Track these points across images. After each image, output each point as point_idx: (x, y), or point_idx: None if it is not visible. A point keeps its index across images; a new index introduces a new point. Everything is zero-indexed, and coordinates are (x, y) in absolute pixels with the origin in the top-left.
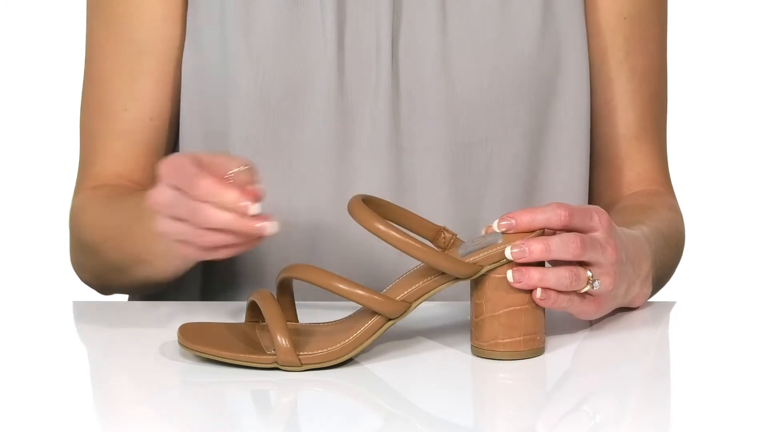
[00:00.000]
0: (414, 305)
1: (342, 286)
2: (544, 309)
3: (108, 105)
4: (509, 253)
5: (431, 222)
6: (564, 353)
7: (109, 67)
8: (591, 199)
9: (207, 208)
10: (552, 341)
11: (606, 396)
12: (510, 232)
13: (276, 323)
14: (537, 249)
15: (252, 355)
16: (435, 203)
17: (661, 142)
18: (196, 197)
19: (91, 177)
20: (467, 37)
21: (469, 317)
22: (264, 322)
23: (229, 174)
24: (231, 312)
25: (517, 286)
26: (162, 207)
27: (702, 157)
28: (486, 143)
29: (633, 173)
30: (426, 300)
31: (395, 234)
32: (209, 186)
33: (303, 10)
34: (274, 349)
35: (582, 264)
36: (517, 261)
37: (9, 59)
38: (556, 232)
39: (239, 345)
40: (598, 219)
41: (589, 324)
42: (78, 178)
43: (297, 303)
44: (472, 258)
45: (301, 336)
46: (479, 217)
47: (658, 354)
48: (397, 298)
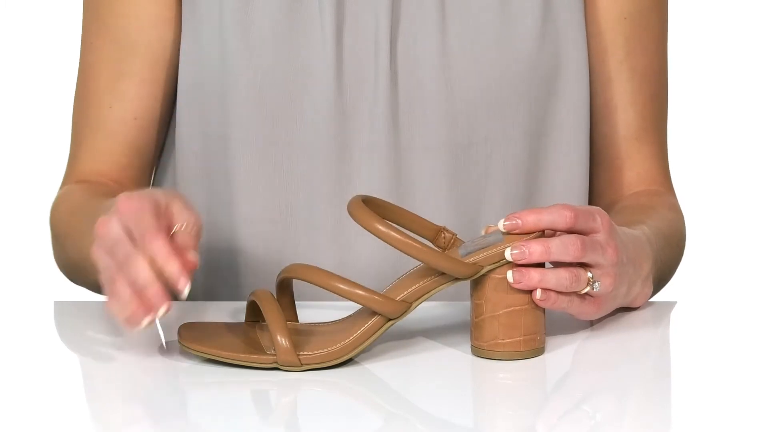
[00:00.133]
0: (414, 305)
1: (342, 286)
2: (544, 309)
3: (94, 101)
4: (509, 255)
5: (431, 222)
6: (564, 353)
7: (98, 64)
8: (591, 200)
9: (141, 261)
10: (552, 341)
11: (606, 396)
12: (515, 232)
13: (276, 323)
14: (537, 251)
15: (252, 355)
16: (434, 204)
17: (662, 142)
18: (139, 249)
19: (76, 172)
20: (466, 38)
21: (469, 317)
22: (264, 321)
23: (175, 229)
24: (231, 312)
25: (517, 286)
26: (104, 239)
27: (702, 157)
28: (485, 143)
29: (633, 173)
30: (426, 300)
31: (395, 234)
32: (158, 249)
33: (301, 10)
34: (274, 349)
35: (582, 265)
36: (517, 262)
37: (8, 59)
38: (556, 233)
39: (239, 345)
40: (600, 220)
41: (589, 324)
42: (66, 170)
43: (297, 303)
44: (472, 258)
45: (301, 336)
46: (479, 218)
47: (658, 354)
48: (397, 298)
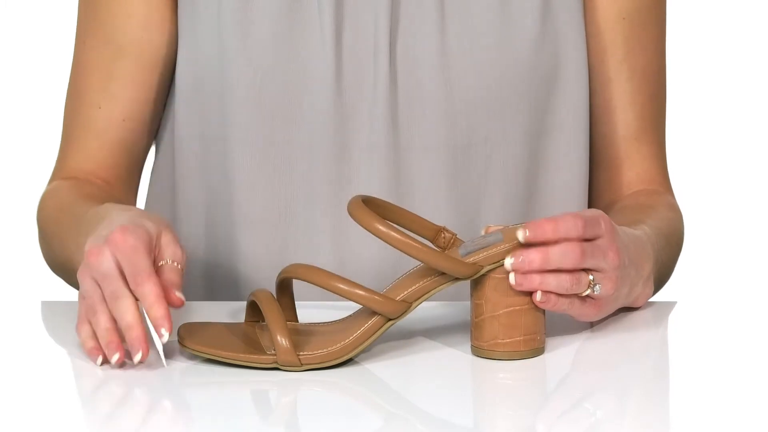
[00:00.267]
0: (414, 305)
1: (342, 286)
2: (544, 310)
3: (84, 101)
4: (509, 264)
5: (431, 222)
6: (564, 353)
7: (90, 63)
8: (590, 199)
9: (129, 302)
10: (552, 341)
11: (606, 396)
12: (534, 241)
13: (276, 323)
14: (536, 259)
15: (252, 355)
16: (434, 204)
17: (660, 141)
18: (131, 289)
19: (65, 168)
20: (466, 38)
21: (469, 317)
22: (263, 321)
23: (161, 264)
24: (231, 312)
25: (519, 288)
26: (94, 269)
27: (701, 157)
28: (485, 144)
29: (632, 173)
30: (426, 300)
31: (395, 234)
32: (149, 292)
33: (301, 10)
34: (274, 349)
35: (584, 268)
36: (517, 271)
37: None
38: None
39: (239, 345)
40: (603, 225)
41: (589, 324)
42: (55, 166)
43: (297, 303)
44: (472, 258)
45: (301, 336)
46: (478, 218)
47: (658, 354)
48: (397, 298)
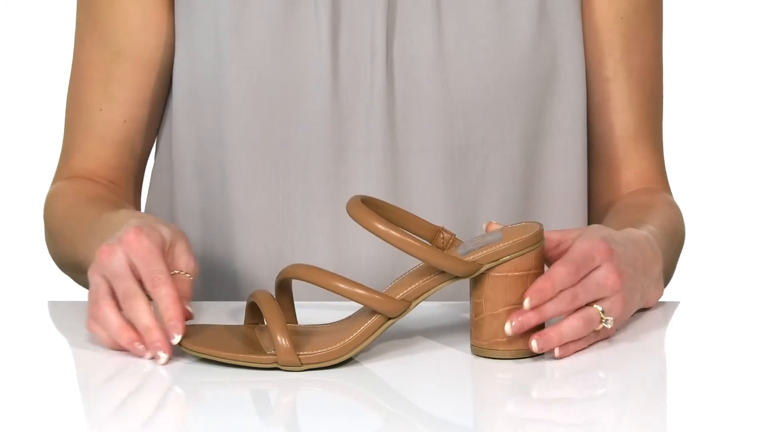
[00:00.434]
0: (414, 304)
1: (342, 285)
2: None
3: (85, 103)
4: (509, 330)
5: (429, 222)
6: None
7: (89, 64)
8: (589, 200)
9: (143, 303)
10: None
11: (606, 395)
12: (540, 305)
13: (276, 323)
14: (533, 319)
15: (252, 356)
16: (431, 205)
17: (658, 141)
18: (146, 290)
19: (67, 169)
20: (462, 39)
21: (469, 316)
22: (263, 324)
23: (174, 273)
24: (230, 312)
25: (543, 351)
26: (105, 268)
27: (701, 158)
28: (482, 145)
29: (631, 173)
30: (425, 299)
31: (395, 233)
32: (166, 295)
33: (297, 11)
34: (273, 350)
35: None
36: (516, 334)
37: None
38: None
39: (239, 345)
40: (598, 258)
41: None
42: (57, 167)
43: (297, 303)
44: (471, 256)
45: (301, 336)
46: (476, 219)
47: (659, 354)
48: (397, 297)
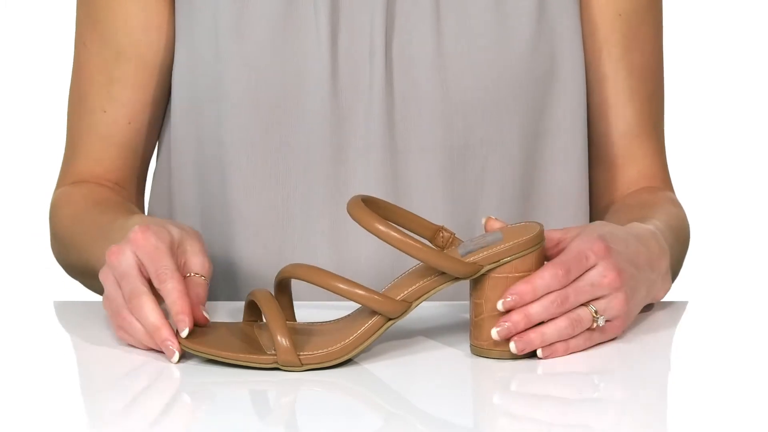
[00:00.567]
0: (414, 305)
1: (342, 285)
2: None
3: (88, 105)
4: (495, 335)
5: (429, 222)
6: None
7: (91, 65)
8: (591, 200)
9: (148, 302)
10: None
11: (607, 395)
12: (515, 307)
13: (276, 323)
14: (521, 322)
15: (252, 355)
16: (431, 205)
17: (660, 139)
18: (155, 287)
19: (71, 172)
20: (462, 39)
21: (469, 317)
22: (262, 321)
23: (187, 276)
24: (229, 312)
25: (523, 353)
26: (115, 269)
27: (710, 157)
28: (482, 145)
29: (634, 171)
30: (426, 300)
31: (395, 234)
32: (172, 289)
33: (296, 12)
34: (273, 349)
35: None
36: (505, 339)
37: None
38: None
39: (239, 345)
40: (593, 257)
41: None
42: (61, 170)
43: (296, 303)
44: (471, 258)
45: (301, 336)
46: (475, 219)
47: (661, 354)
48: (397, 297)
